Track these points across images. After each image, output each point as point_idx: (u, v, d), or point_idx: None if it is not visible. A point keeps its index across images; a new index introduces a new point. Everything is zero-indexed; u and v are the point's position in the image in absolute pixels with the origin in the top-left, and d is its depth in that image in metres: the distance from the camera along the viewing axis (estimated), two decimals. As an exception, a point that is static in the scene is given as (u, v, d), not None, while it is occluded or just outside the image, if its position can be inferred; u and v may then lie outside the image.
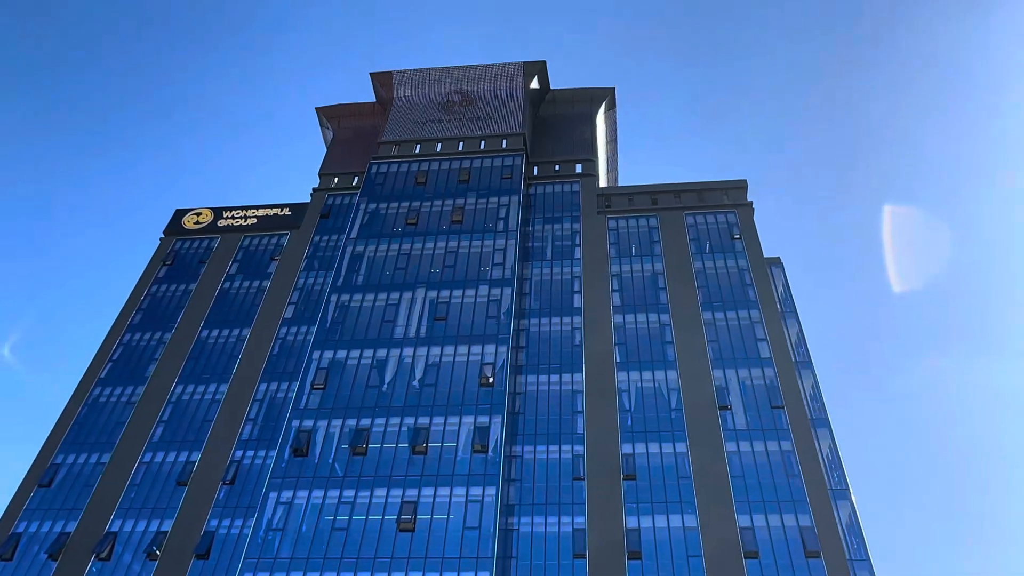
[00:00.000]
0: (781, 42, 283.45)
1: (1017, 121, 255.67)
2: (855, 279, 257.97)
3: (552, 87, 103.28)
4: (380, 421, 64.80)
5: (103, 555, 61.67)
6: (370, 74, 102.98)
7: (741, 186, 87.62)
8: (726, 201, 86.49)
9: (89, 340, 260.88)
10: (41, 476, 68.22)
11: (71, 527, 64.29)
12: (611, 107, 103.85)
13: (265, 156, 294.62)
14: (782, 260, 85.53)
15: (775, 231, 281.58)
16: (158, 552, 61.67)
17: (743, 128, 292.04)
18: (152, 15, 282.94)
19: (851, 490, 65.18)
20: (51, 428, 73.15)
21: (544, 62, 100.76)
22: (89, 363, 78.89)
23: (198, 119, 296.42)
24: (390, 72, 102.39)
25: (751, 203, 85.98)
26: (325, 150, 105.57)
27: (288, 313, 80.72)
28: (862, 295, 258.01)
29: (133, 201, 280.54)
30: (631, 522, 60.00)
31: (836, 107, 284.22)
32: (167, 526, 63.51)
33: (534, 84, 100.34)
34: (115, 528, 63.84)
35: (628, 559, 57.64)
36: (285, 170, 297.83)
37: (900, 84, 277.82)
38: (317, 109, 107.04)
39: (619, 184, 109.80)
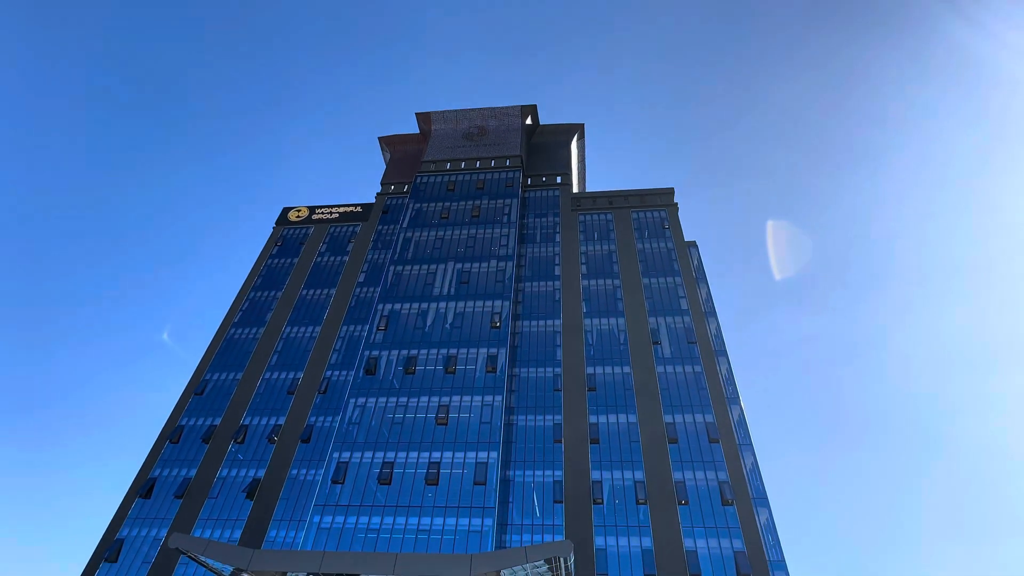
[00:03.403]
0: (706, 83, 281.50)
1: (863, 147, 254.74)
2: (749, 257, 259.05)
3: (541, 122, 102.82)
4: (424, 351, 65.57)
5: (239, 440, 63.24)
6: (416, 113, 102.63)
7: (669, 192, 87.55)
8: (659, 202, 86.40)
9: (223, 301, 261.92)
10: (196, 387, 69.55)
11: (217, 421, 65.81)
12: (581, 137, 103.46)
13: (344, 169, 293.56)
14: (697, 243, 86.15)
15: (693, 222, 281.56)
16: (275, 438, 63.22)
17: (673, 149, 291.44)
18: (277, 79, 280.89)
19: (741, 398, 66.32)
20: (200, 357, 74.65)
21: (535, 105, 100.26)
22: (226, 313, 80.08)
23: (298, 144, 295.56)
24: (429, 112, 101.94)
25: (676, 204, 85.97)
26: (384, 166, 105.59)
27: (361, 279, 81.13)
28: (754, 267, 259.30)
29: (253, 201, 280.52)
30: (592, 419, 61.25)
31: (739, 132, 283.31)
32: (281, 420, 64.94)
33: (528, 121, 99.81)
34: (246, 422, 65.25)
35: (590, 444, 59.09)
36: (357, 179, 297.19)
37: (778, 120, 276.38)
38: (379, 138, 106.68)
39: (586, 190, 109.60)
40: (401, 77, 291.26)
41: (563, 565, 41.21)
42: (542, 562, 40.08)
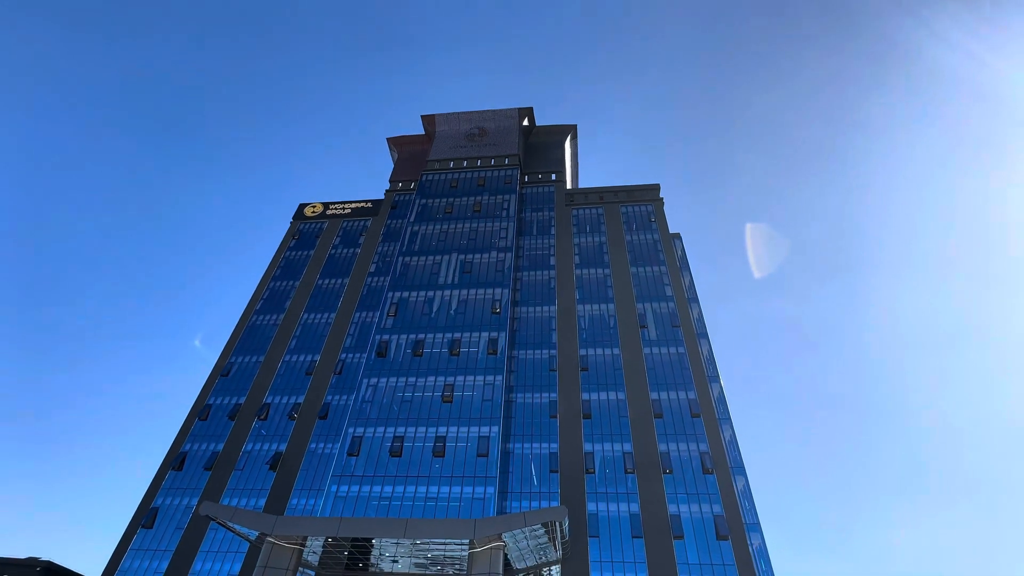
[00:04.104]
0: (691, 89, 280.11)
1: (835, 149, 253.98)
2: (729, 247, 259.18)
3: (536, 124, 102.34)
4: (430, 335, 65.36)
5: (262, 417, 63.64)
6: (421, 116, 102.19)
7: (655, 188, 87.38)
8: (646, 197, 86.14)
9: (246, 291, 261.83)
10: (222, 370, 69.74)
11: (242, 400, 66.15)
12: (574, 137, 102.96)
13: (355, 168, 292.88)
14: (681, 235, 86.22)
15: (677, 216, 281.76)
16: (295, 415, 63.60)
17: (661, 148, 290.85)
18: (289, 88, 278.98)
19: (720, 376, 66.61)
20: (226, 341, 74.80)
21: (532, 108, 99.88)
22: (248, 301, 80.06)
23: (313, 146, 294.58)
24: (434, 115, 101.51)
25: (662, 199, 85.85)
26: (392, 165, 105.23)
27: (372, 269, 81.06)
28: (733, 257, 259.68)
29: (271, 198, 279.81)
30: (585, 396, 61.47)
31: (721, 134, 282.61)
32: (300, 399, 65.29)
33: (525, 122, 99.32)
34: (269, 400, 65.56)
35: (583, 419, 59.41)
36: (367, 178, 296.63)
37: (757, 123, 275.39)
38: (387, 139, 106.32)
39: (579, 186, 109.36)
40: (408, 83, 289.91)
41: (558, 528, 41.76)
42: (539, 526, 40.60)
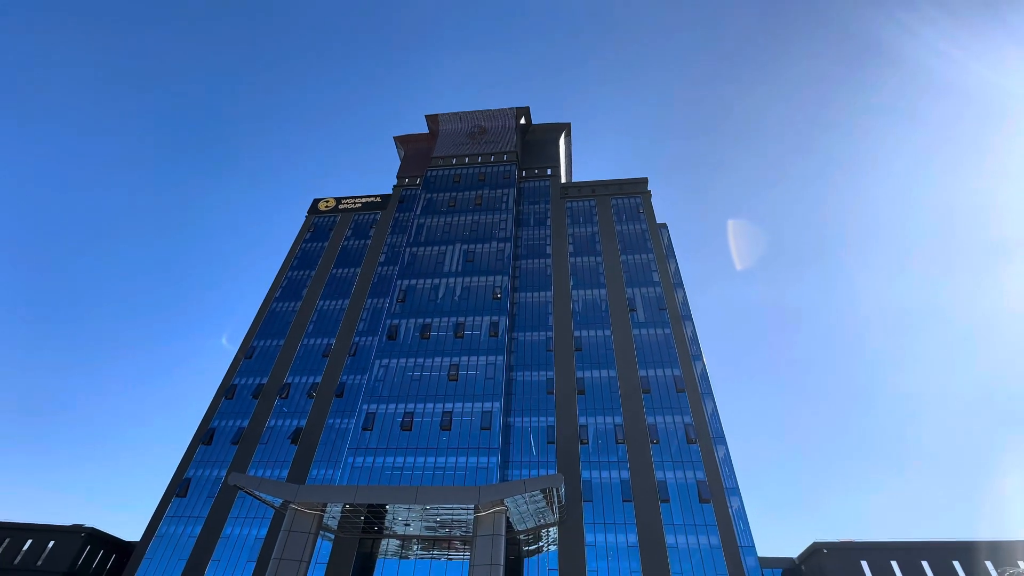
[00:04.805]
0: (677, 89, 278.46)
1: (812, 147, 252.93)
2: (712, 236, 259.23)
3: (533, 122, 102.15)
4: (436, 319, 65.68)
5: (283, 396, 64.24)
6: (425, 116, 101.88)
7: (643, 181, 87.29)
8: (635, 190, 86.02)
9: (266, 282, 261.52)
10: (246, 353, 70.23)
11: (264, 380, 66.74)
12: (568, 134, 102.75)
13: (365, 164, 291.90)
14: (667, 225, 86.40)
15: (664, 207, 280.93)
16: (314, 394, 64.17)
17: (649, 144, 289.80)
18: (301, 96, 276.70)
19: (703, 355, 67.04)
20: (248, 326, 75.31)
21: (528, 107, 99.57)
22: (268, 289, 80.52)
23: (329, 145, 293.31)
24: (438, 115, 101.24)
25: (649, 191, 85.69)
26: (399, 162, 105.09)
27: (382, 259, 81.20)
28: (716, 245, 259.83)
29: (287, 194, 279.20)
30: (579, 374, 62.07)
31: (706, 131, 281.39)
32: (318, 379, 65.81)
33: (522, 121, 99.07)
34: (290, 380, 66.09)
35: (577, 395, 59.97)
36: (377, 173, 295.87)
37: (739, 122, 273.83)
38: (394, 137, 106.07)
39: (573, 180, 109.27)
40: (413, 86, 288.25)
41: (555, 494, 42.54)
42: (538, 492, 41.33)
